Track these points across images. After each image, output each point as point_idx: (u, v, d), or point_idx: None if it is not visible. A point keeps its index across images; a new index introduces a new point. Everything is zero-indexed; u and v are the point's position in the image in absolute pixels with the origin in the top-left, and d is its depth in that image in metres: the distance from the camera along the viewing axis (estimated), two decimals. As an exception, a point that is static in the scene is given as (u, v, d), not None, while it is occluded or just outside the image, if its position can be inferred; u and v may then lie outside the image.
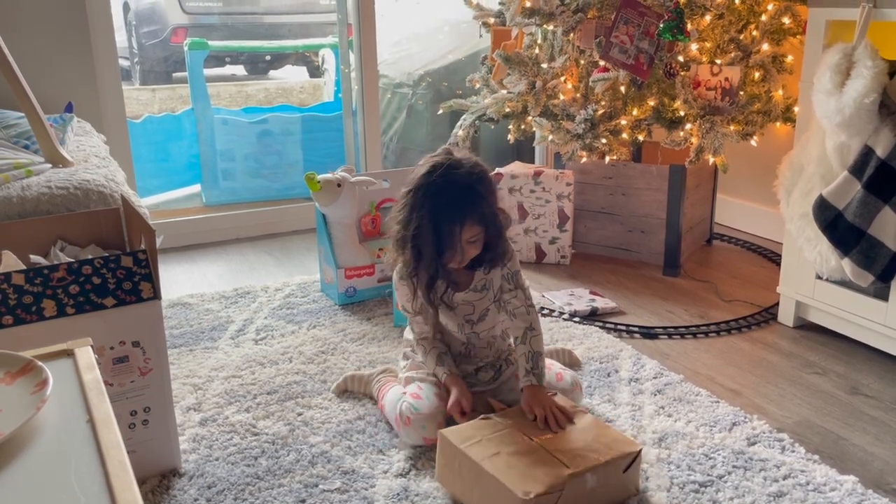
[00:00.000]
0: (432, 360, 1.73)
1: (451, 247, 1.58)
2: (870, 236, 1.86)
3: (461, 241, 1.58)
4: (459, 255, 1.61)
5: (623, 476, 1.46)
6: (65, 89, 2.64)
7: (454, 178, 1.56)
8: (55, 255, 1.62)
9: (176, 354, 2.09)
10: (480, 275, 1.69)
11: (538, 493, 1.33)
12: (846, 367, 2.05)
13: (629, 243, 2.83)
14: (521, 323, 1.68)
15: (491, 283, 1.71)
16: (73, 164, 1.98)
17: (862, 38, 1.88)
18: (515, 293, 1.69)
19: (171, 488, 1.53)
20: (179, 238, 3.06)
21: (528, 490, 1.33)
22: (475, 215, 1.56)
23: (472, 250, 1.62)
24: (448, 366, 1.71)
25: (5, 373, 0.85)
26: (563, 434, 1.51)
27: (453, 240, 1.57)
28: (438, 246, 1.58)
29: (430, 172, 1.57)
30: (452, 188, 1.55)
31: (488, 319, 1.73)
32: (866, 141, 1.84)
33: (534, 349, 1.66)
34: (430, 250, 1.58)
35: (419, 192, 1.57)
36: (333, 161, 3.61)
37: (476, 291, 1.70)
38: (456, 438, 1.48)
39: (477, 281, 1.70)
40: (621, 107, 2.58)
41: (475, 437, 1.49)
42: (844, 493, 1.50)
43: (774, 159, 2.24)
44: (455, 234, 1.56)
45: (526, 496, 1.32)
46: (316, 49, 5.11)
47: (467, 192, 1.55)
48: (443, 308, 1.71)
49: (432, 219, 1.55)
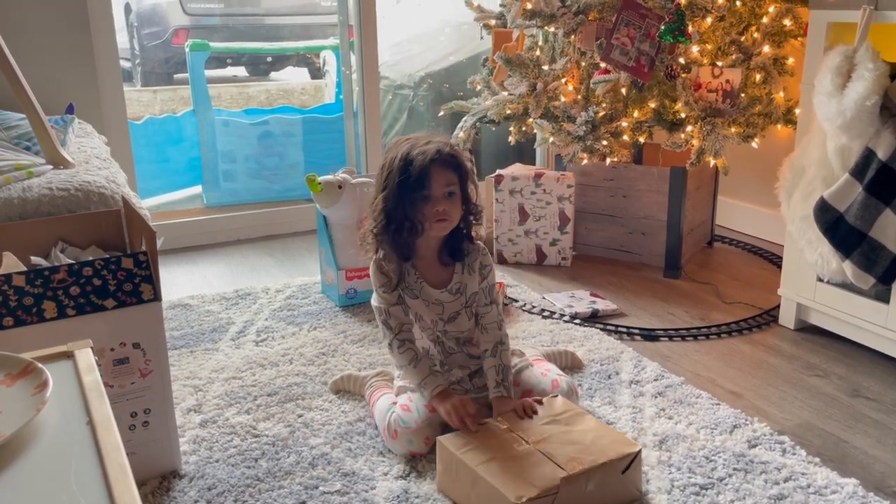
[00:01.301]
0: (420, 373, 1.65)
1: (424, 193, 1.57)
2: (871, 239, 1.86)
3: (432, 185, 1.57)
4: (432, 203, 1.58)
5: (623, 478, 1.45)
6: (66, 90, 2.64)
7: (425, 139, 1.61)
8: (56, 256, 1.62)
9: (176, 356, 2.08)
10: (458, 277, 1.70)
11: (530, 496, 1.33)
12: (847, 369, 2.04)
13: (630, 245, 2.83)
14: (491, 337, 1.71)
15: (465, 289, 1.70)
16: (74, 166, 1.98)
17: (863, 40, 1.88)
18: (490, 308, 1.73)
19: (172, 490, 1.53)
20: (180, 239, 3.06)
21: (520, 494, 1.33)
22: (446, 157, 1.58)
23: (448, 206, 1.60)
24: (437, 382, 1.64)
25: (5, 374, 0.84)
26: (561, 436, 1.50)
27: (425, 181, 1.56)
28: (410, 191, 1.57)
29: (397, 145, 1.62)
30: (424, 144, 1.59)
31: (458, 322, 1.72)
32: (867, 143, 1.84)
33: (503, 362, 1.70)
34: (400, 195, 1.58)
35: (391, 151, 1.62)
36: (334, 162, 3.61)
37: (451, 294, 1.70)
38: (452, 445, 1.49)
39: (453, 283, 1.70)
40: (622, 109, 2.58)
41: (471, 442, 1.49)
42: (845, 496, 1.50)
43: (775, 161, 2.24)
44: (426, 172, 1.55)
45: (518, 500, 1.32)
46: (317, 50, 5.12)
47: (438, 146, 1.59)
48: (419, 300, 1.69)
49: (404, 161, 1.57)
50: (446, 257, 1.69)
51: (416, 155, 1.57)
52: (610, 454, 1.44)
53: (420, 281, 1.69)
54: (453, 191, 1.61)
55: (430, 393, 1.63)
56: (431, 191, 1.58)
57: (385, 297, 1.68)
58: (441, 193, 1.59)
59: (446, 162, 1.58)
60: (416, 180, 1.56)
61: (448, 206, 1.60)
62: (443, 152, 1.58)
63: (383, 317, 1.68)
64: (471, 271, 1.71)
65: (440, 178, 1.58)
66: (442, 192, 1.59)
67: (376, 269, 1.68)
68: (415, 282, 1.69)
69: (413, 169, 1.56)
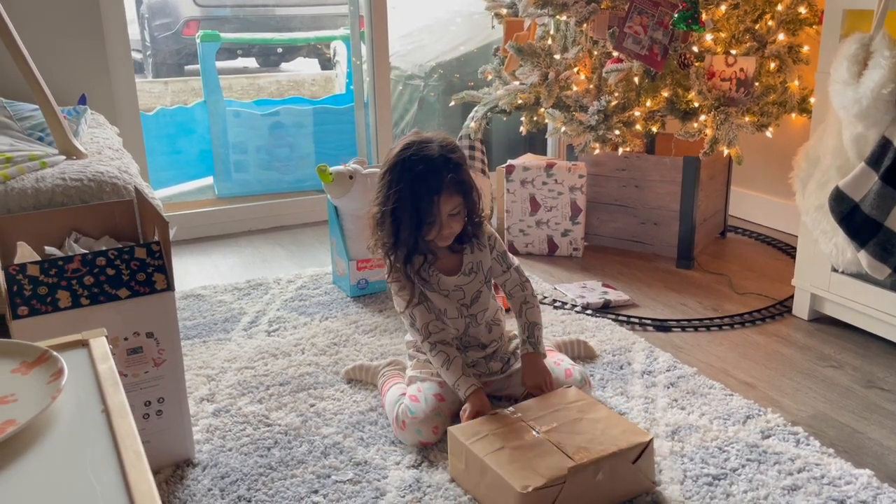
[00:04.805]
0: (454, 374, 1.66)
1: (431, 220, 1.60)
2: (886, 229, 1.84)
3: (441, 213, 1.60)
4: (439, 227, 1.61)
5: (634, 468, 1.45)
6: (78, 82, 2.65)
7: (429, 150, 1.60)
8: (70, 246, 1.63)
9: (189, 346, 2.09)
10: (469, 258, 1.72)
11: (536, 486, 1.33)
12: (862, 360, 2.03)
13: (642, 235, 2.82)
14: (516, 300, 1.76)
15: (480, 266, 1.73)
16: (87, 156, 1.99)
17: (880, 27, 1.86)
18: (508, 273, 1.77)
19: (185, 478, 1.54)
20: (192, 230, 3.07)
21: (526, 484, 1.33)
22: (453, 183, 1.59)
23: (454, 224, 1.63)
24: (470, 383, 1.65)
25: (21, 363, 0.85)
26: (571, 426, 1.50)
27: (432, 210, 1.59)
28: (417, 219, 1.60)
29: (405, 149, 1.62)
30: (428, 160, 1.59)
31: (481, 301, 1.74)
32: (884, 132, 1.82)
33: (529, 320, 1.74)
34: (409, 223, 1.60)
35: (395, 170, 1.61)
36: (345, 153, 3.61)
37: (465, 275, 1.72)
38: (463, 435, 1.49)
39: (465, 265, 1.72)
40: (635, 98, 2.56)
41: (481, 432, 1.50)
42: (859, 487, 1.49)
43: (790, 151, 2.22)
44: (434, 203, 1.58)
45: (524, 490, 1.32)
46: (327, 41, 5.11)
47: (442, 162, 1.59)
48: (438, 294, 1.71)
49: (412, 190, 1.58)
50: (455, 245, 1.71)
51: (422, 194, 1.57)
52: (620, 444, 1.43)
53: (436, 274, 1.70)
54: (458, 210, 1.63)
55: (464, 393, 1.65)
56: (438, 217, 1.61)
57: (405, 298, 1.70)
58: (447, 218, 1.62)
59: (450, 189, 1.59)
60: (424, 213, 1.59)
61: (454, 224, 1.64)
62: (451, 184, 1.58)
63: (409, 320, 1.72)
64: (480, 247, 1.73)
65: (446, 206, 1.60)
66: (447, 216, 1.62)
67: (392, 272, 1.70)
68: (431, 275, 1.70)
69: (423, 203, 1.58)
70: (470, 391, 1.63)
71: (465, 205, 1.64)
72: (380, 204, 1.64)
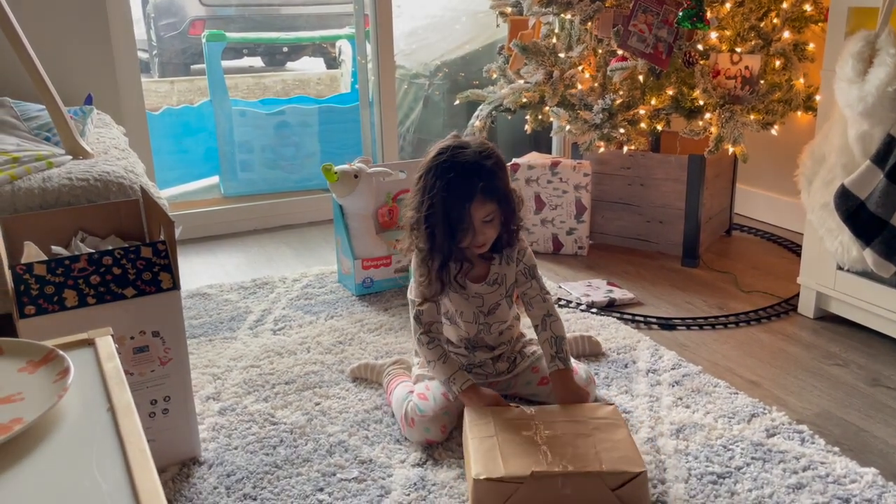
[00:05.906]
0: (448, 370, 1.65)
1: (464, 226, 1.59)
2: (892, 226, 1.84)
3: (474, 220, 1.59)
4: (472, 234, 1.60)
5: (611, 494, 1.37)
6: (84, 82, 2.66)
7: (463, 156, 1.58)
8: (76, 245, 1.64)
9: (195, 344, 2.10)
10: (496, 269, 1.70)
11: (490, 477, 1.35)
12: (867, 358, 2.03)
13: (647, 234, 2.81)
14: (538, 311, 1.72)
15: (504, 279, 1.72)
16: (94, 156, 2.00)
17: (885, 25, 1.85)
18: (530, 283, 1.73)
19: (191, 476, 1.55)
20: (198, 229, 3.08)
21: (481, 472, 1.36)
22: (485, 191, 1.57)
23: (488, 231, 1.62)
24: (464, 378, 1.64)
25: (28, 362, 0.86)
26: (574, 438, 1.46)
27: (465, 217, 1.58)
28: (451, 225, 1.59)
29: (439, 154, 1.60)
30: (461, 166, 1.57)
31: (499, 313, 1.73)
32: (889, 130, 1.81)
33: (555, 333, 1.70)
34: (443, 230, 1.59)
35: (429, 175, 1.60)
36: (350, 152, 3.60)
37: (489, 285, 1.71)
38: (469, 415, 1.55)
39: (491, 275, 1.71)
40: (639, 96, 2.56)
41: (487, 417, 1.53)
42: (865, 486, 1.48)
43: (795, 149, 2.22)
44: (466, 210, 1.57)
45: (477, 476, 1.35)
46: (333, 40, 5.11)
47: (476, 169, 1.57)
48: (459, 295, 1.71)
49: (443, 197, 1.57)
50: (487, 252, 1.70)
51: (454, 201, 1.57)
52: (603, 466, 1.37)
53: (462, 278, 1.70)
54: (492, 217, 1.62)
55: (458, 389, 1.63)
56: (472, 224, 1.60)
57: (423, 290, 1.68)
58: (480, 225, 1.61)
59: (482, 196, 1.58)
60: (456, 220, 1.58)
61: (488, 230, 1.62)
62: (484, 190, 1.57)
63: (416, 310, 1.70)
64: (509, 261, 1.72)
65: (479, 213, 1.59)
66: (481, 223, 1.61)
67: (420, 262, 1.68)
68: (457, 273, 1.69)
69: (455, 209, 1.57)
70: (464, 387, 1.63)
71: (499, 212, 1.62)
72: (414, 209, 1.63)
